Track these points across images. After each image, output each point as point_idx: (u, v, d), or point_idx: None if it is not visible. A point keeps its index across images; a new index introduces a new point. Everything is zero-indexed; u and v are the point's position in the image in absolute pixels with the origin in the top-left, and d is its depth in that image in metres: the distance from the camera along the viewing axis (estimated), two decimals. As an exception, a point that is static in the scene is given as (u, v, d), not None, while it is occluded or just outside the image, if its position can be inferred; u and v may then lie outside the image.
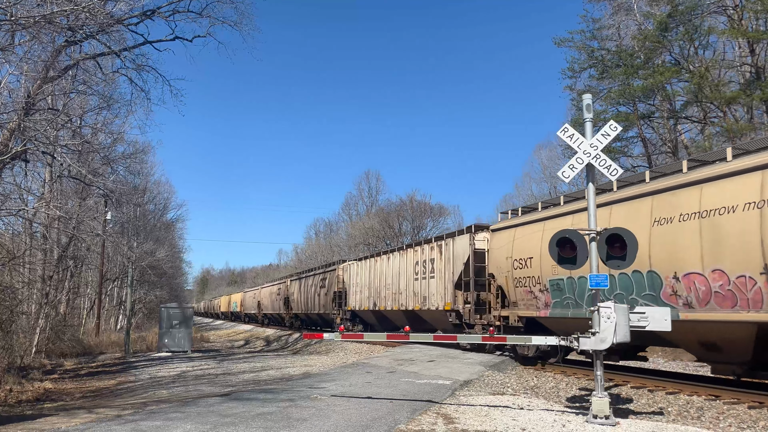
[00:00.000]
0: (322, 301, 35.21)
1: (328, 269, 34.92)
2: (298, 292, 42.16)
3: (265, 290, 56.43)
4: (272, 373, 16.89)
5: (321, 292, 35.31)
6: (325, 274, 35.54)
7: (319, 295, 36.04)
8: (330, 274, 33.93)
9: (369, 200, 75.89)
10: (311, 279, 38.87)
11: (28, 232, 24.32)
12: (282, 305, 46.55)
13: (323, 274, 36.01)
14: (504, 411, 9.77)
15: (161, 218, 54.58)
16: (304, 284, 40.65)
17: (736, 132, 25.97)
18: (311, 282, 38.54)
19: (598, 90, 32.67)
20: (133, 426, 8.31)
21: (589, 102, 9.62)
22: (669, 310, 8.88)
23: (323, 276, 35.74)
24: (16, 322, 19.72)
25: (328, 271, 35.10)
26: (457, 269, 19.77)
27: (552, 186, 50.19)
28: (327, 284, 33.88)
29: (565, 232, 9.14)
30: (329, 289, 33.20)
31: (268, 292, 54.06)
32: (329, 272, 34.34)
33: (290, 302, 43.86)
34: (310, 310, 38.33)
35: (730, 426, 8.87)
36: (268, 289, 54.72)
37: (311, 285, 38.42)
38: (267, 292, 54.76)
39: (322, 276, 36.15)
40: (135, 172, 36.76)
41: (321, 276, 36.28)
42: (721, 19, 28.51)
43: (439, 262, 21.22)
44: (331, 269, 34.41)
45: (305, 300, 39.60)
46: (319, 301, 35.87)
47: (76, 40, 16.67)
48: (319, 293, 36.01)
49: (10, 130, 15.00)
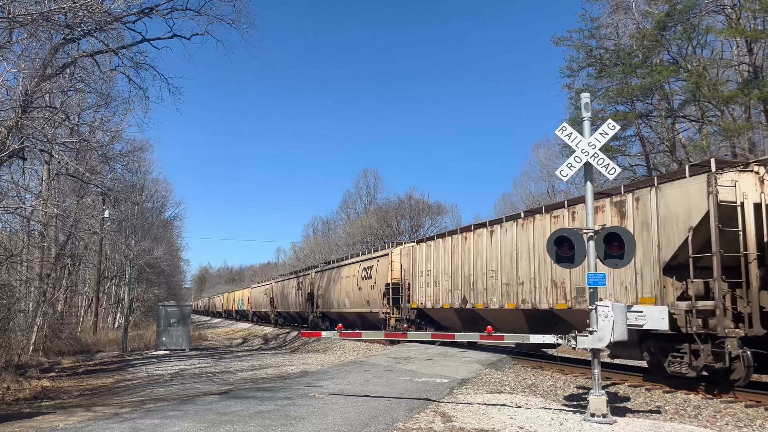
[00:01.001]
0: (364, 297, 28.52)
1: (375, 256, 28.63)
2: (327, 286, 35.44)
3: (280, 285, 49.29)
4: (270, 372, 16.90)
5: (364, 286, 28.73)
6: (369, 262, 28.93)
7: (361, 290, 29.20)
8: (378, 262, 27.50)
9: (367, 199, 75.87)
10: (347, 270, 31.99)
11: (26, 230, 24.27)
12: (304, 302, 39.72)
13: (367, 263, 29.18)
14: (502, 409, 9.79)
15: (159, 216, 54.56)
16: (336, 276, 33.60)
17: (734, 131, 26.02)
18: (347, 273, 31.70)
19: (597, 89, 32.67)
20: (131, 424, 8.31)
21: (587, 101, 9.62)
22: (666, 308, 8.90)
23: (367, 265, 28.98)
24: (14, 320, 19.69)
25: (374, 257, 28.52)
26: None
27: (550, 185, 50.26)
28: (373, 275, 27.43)
29: (563, 231, 9.16)
30: (377, 282, 26.75)
31: (284, 287, 47.42)
32: (377, 259, 27.84)
33: (315, 299, 37.18)
34: (346, 308, 31.55)
35: (727, 424, 8.90)
36: (283, 284, 47.92)
37: (347, 277, 31.50)
38: (282, 288, 47.86)
39: (365, 265, 29.29)
40: (133, 170, 36.73)
41: (363, 265, 29.44)
42: (719, 18, 28.54)
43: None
44: (379, 255, 28.01)
45: (338, 296, 32.77)
46: (361, 297, 29.08)
47: (74, 37, 16.61)
48: (360, 287, 29.27)
49: (8, 127, 14.96)
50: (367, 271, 28.39)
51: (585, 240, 9.01)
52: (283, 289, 47.19)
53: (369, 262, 28.64)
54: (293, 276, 45.09)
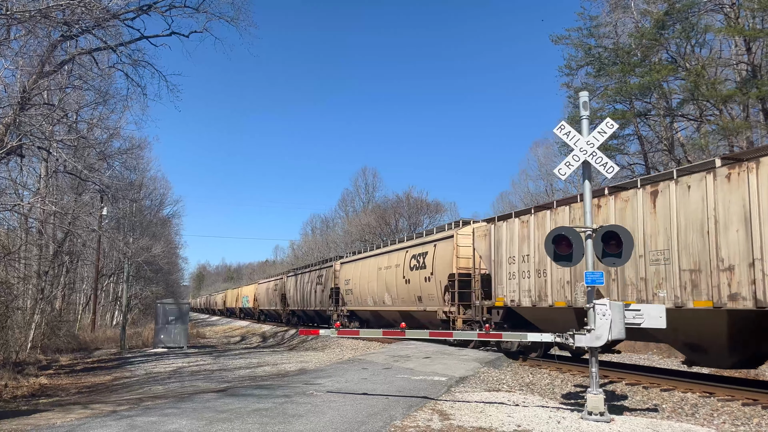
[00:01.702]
0: (414, 292, 22.55)
1: (431, 240, 22.13)
2: (357, 279, 29.31)
3: (294, 279, 43.53)
4: (268, 369, 16.90)
5: (414, 278, 22.44)
6: (422, 248, 22.41)
7: (409, 282, 23.09)
8: (436, 248, 21.05)
9: (366, 197, 75.97)
10: (386, 259, 25.89)
11: (24, 228, 24.24)
12: (325, 299, 34.06)
13: (417, 249, 22.80)
14: (499, 407, 9.80)
15: (157, 214, 54.56)
16: (371, 267, 27.55)
17: (732, 130, 26.04)
18: (387, 263, 25.60)
19: (595, 87, 32.73)
20: (128, 421, 8.31)
21: (585, 99, 9.63)
22: (664, 307, 8.92)
23: (418, 252, 22.56)
24: (12, 318, 19.70)
25: (429, 242, 22.08)
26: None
27: (548, 183, 50.35)
28: (429, 263, 21.32)
29: (561, 230, 9.16)
30: (435, 273, 20.92)
31: (299, 281, 41.70)
32: (434, 244, 21.49)
33: (341, 295, 31.71)
34: (385, 305, 25.83)
35: (725, 423, 8.92)
36: (298, 278, 42.19)
37: (387, 268, 25.64)
38: (297, 282, 42.29)
39: (414, 252, 22.84)
40: (131, 167, 36.74)
41: (412, 252, 23.05)
42: (718, 17, 28.56)
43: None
44: (437, 238, 21.58)
45: (374, 291, 27.01)
46: (408, 292, 23.18)
47: (72, 34, 16.58)
48: (408, 279, 23.03)
49: (6, 124, 14.94)
50: (419, 260, 22.34)
51: (583, 238, 9.03)
52: (298, 284, 41.50)
53: (421, 248, 22.54)
54: (312, 269, 38.81)
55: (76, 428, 7.99)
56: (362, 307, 28.55)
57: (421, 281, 21.90)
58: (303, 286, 40.44)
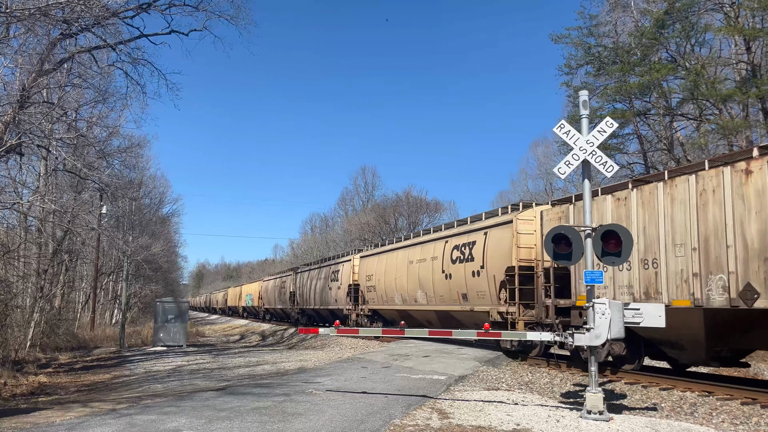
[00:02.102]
0: (457, 289, 19.26)
1: (478, 227, 18.85)
2: (381, 275, 25.76)
3: (303, 276, 39.64)
4: (267, 368, 16.90)
5: (457, 272, 19.30)
6: (467, 237, 19.09)
7: (450, 278, 19.79)
8: (487, 237, 17.90)
9: (365, 195, 75.92)
10: (420, 250, 22.35)
11: (23, 226, 24.23)
12: (343, 297, 30.31)
13: (461, 238, 19.47)
14: (498, 406, 9.81)
15: (157, 212, 54.53)
16: (399, 261, 24.07)
17: (732, 129, 26.05)
18: (421, 255, 22.08)
19: (595, 87, 32.70)
20: (128, 420, 8.31)
21: (585, 98, 9.64)
22: (663, 306, 8.93)
23: (462, 241, 19.26)
24: (11, 316, 19.70)
25: (476, 230, 18.83)
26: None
27: (548, 182, 50.38)
28: (477, 255, 18.24)
29: (561, 229, 9.17)
30: (487, 266, 17.66)
31: (310, 279, 37.68)
32: (484, 232, 18.24)
33: (361, 293, 28.48)
34: (417, 304, 22.41)
35: (723, 422, 8.93)
36: (309, 275, 38.17)
37: (421, 261, 22.04)
38: (308, 280, 38.18)
39: (457, 242, 19.61)
40: (130, 166, 36.72)
41: (454, 242, 19.80)
42: (718, 16, 28.54)
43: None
44: (486, 226, 18.36)
45: (403, 288, 23.33)
46: (449, 288, 19.84)
47: (72, 32, 16.57)
48: (449, 273, 19.86)
49: (5, 123, 14.93)
50: (464, 251, 19.03)
51: (582, 237, 9.03)
52: (309, 281, 38.05)
53: (467, 237, 19.12)
54: (326, 264, 35.82)
55: (76, 426, 8.00)
56: (388, 306, 25.34)
57: (467, 276, 18.56)
58: (315, 283, 36.69)
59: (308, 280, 38.37)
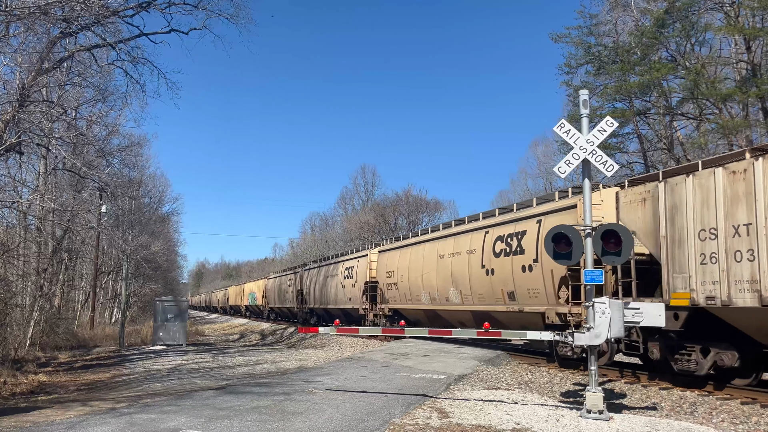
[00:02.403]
0: (505, 285, 16.52)
1: (529, 215, 16.17)
2: (406, 270, 22.91)
3: (313, 273, 36.54)
4: (267, 367, 16.90)
5: (506, 267, 16.46)
6: (517, 225, 16.41)
7: (492, 274, 17.10)
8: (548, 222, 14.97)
9: (365, 195, 75.96)
10: (453, 242, 19.70)
11: (23, 225, 24.23)
12: (359, 296, 27.51)
13: (511, 226, 16.61)
14: (498, 405, 9.81)
15: (156, 211, 54.51)
16: (427, 254, 21.34)
17: (732, 129, 26.05)
18: (454, 248, 19.50)
19: (595, 86, 32.74)
20: (127, 419, 8.31)
21: (585, 98, 9.63)
22: (663, 305, 8.92)
23: (512, 231, 16.45)
24: (11, 315, 19.70)
25: (527, 217, 16.18)
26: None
27: (548, 181, 50.39)
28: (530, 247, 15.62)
29: (561, 228, 9.17)
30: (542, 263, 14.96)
31: (319, 276, 34.96)
32: (537, 220, 15.59)
33: (381, 291, 25.74)
34: (450, 303, 19.67)
35: (723, 421, 8.93)
36: (319, 272, 35.26)
37: (453, 255, 19.43)
38: (317, 277, 35.52)
39: (503, 231, 16.87)
40: (130, 164, 36.67)
41: (499, 231, 17.07)
42: (718, 15, 28.55)
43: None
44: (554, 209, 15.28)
45: (432, 285, 20.65)
46: (491, 286, 17.18)
47: (72, 31, 16.56)
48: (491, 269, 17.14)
49: (5, 121, 14.92)
50: (512, 242, 16.32)
51: (582, 237, 9.03)
52: (319, 279, 35.10)
53: (514, 226, 16.41)
54: (338, 259, 32.97)
55: (75, 425, 7.99)
56: (412, 305, 22.64)
57: (515, 271, 16.05)
58: (326, 280, 33.75)
59: (318, 278, 35.56)
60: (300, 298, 39.26)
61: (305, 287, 38.29)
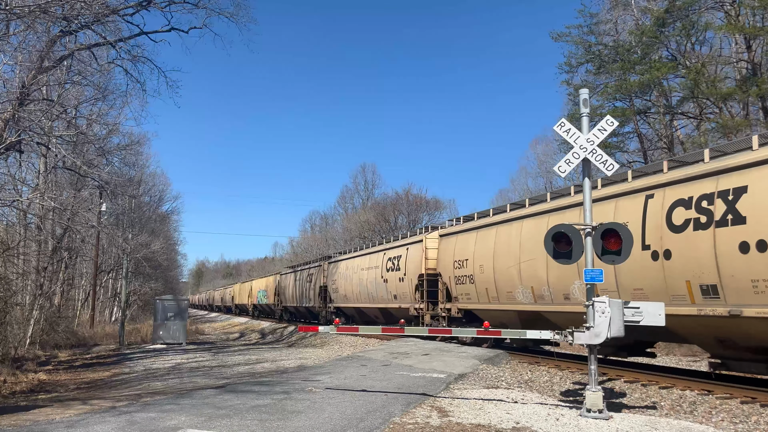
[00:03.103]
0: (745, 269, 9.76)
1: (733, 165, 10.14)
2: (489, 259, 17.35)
3: (343, 265, 31.62)
4: (267, 366, 16.90)
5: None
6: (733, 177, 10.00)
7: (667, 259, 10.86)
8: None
9: (365, 193, 75.86)
10: (614, 205, 12.40)
11: (23, 223, 24.22)
12: (410, 292, 23.09)
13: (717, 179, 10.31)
14: (498, 404, 9.81)
15: (156, 210, 54.56)
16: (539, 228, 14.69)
17: (732, 128, 26.02)
18: (613, 211, 12.29)
19: (595, 85, 32.69)
20: (127, 417, 8.31)
21: (585, 97, 9.62)
22: (663, 305, 8.91)
23: (708, 189, 10.29)
24: (11, 314, 19.66)
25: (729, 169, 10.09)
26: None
27: (548, 181, 50.35)
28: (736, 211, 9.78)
29: (561, 227, 9.16)
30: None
31: (354, 267, 29.63)
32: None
33: (450, 288, 20.31)
34: (571, 301, 13.87)
35: (723, 420, 8.93)
36: (353, 263, 30.15)
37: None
38: (349, 269, 30.36)
39: (695, 193, 10.60)
40: (130, 163, 36.77)
41: (691, 193, 10.72)
42: (719, 14, 28.50)
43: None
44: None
45: (551, 275, 14.40)
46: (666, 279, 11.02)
47: (71, 30, 16.56)
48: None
49: (5, 120, 14.91)
50: (706, 206, 10.48)
51: (582, 236, 9.02)
52: (350, 273, 29.75)
53: (697, 185, 10.85)
54: (376, 250, 27.39)
55: (75, 424, 7.99)
56: (499, 305, 17.18)
57: (727, 251, 10.07)
58: (361, 274, 27.48)
59: (348, 272, 30.19)
60: (324, 296, 34.29)
61: (332, 283, 32.98)
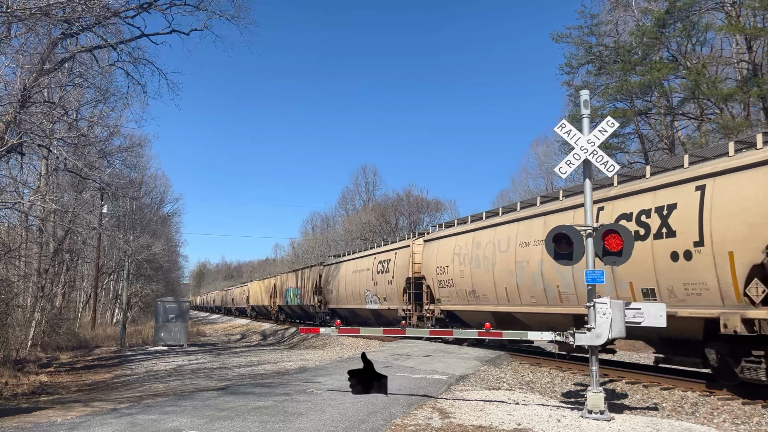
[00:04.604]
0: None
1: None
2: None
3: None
4: (268, 368, 16.90)
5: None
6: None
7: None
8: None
9: (366, 195, 75.86)
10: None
11: (24, 225, 24.24)
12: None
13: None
14: (499, 406, 9.80)
15: (157, 212, 54.62)
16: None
17: (733, 129, 26.01)
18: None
19: (596, 86, 32.71)
20: (129, 419, 8.31)
21: (586, 98, 9.62)
22: (664, 305, 8.91)
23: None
24: (12, 316, 19.71)
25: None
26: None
27: (548, 181, 50.36)
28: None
29: (562, 228, 9.16)
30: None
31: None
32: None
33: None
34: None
35: (725, 421, 8.92)
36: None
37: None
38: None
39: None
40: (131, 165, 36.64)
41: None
42: (719, 15, 28.51)
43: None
44: None
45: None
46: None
47: (73, 32, 16.58)
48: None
49: (6, 122, 14.93)
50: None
51: (584, 237, 9.02)
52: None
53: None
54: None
55: (77, 426, 8.00)
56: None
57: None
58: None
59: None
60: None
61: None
